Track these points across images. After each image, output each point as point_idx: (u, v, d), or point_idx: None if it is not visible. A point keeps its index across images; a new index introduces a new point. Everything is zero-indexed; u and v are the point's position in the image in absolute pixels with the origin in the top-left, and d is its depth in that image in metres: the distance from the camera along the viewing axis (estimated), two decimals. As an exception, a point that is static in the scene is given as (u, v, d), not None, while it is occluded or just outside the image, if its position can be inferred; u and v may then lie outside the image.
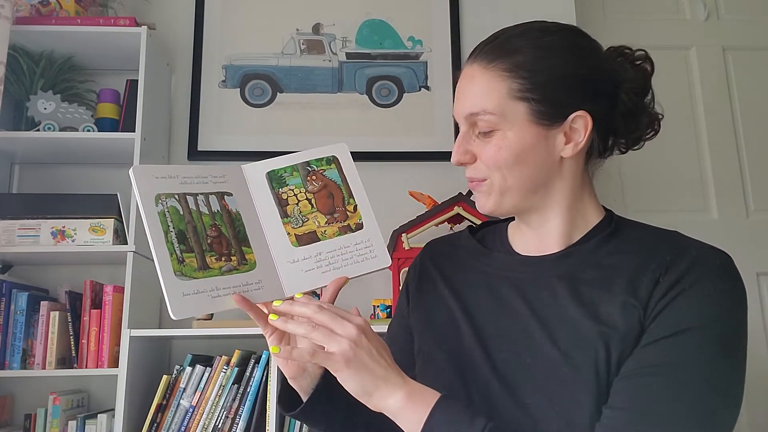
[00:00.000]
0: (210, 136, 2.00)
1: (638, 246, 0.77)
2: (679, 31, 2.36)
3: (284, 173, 0.81)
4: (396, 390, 0.69)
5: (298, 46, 2.09)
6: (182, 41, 2.07)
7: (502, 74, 0.78)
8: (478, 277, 0.85)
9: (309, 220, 0.79)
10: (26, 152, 1.88)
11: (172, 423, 1.57)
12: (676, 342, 0.68)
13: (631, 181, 2.23)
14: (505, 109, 0.77)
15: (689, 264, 0.72)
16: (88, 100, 1.95)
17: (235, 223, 0.75)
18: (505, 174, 0.78)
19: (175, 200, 0.73)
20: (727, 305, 0.71)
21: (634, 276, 0.74)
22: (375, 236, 0.80)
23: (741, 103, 2.30)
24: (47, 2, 1.87)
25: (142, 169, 0.73)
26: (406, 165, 2.03)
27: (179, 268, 0.69)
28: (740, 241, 2.18)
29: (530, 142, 0.77)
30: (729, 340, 0.70)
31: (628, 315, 0.71)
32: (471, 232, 0.93)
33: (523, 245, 0.85)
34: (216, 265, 0.72)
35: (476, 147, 0.80)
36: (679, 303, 0.70)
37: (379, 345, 0.71)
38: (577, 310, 0.74)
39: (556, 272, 0.78)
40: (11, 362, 1.62)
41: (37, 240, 1.68)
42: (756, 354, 2.09)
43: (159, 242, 0.70)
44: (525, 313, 0.77)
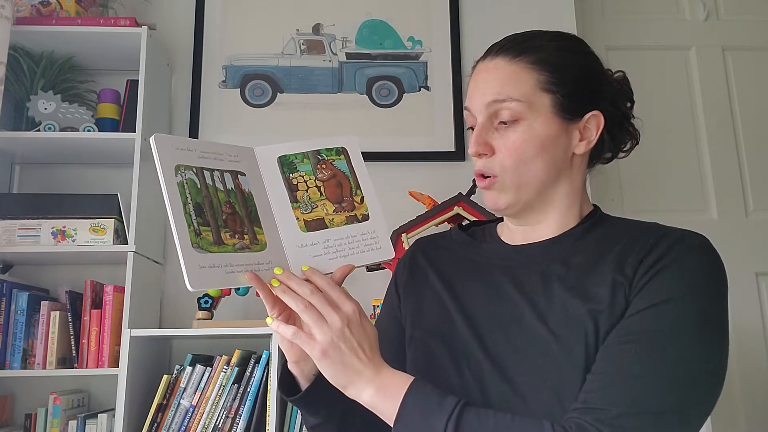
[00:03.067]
0: (210, 137, 2.00)
1: (623, 231, 0.80)
2: (679, 31, 2.37)
3: (295, 159, 0.81)
4: (368, 384, 0.71)
5: (298, 47, 2.09)
6: (182, 41, 2.08)
7: (529, 67, 0.80)
8: (469, 266, 0.86)
9: (318, 206, 0.79)
10: (27, 152, 1.88)
11: (172, 423, 1.57)
12: (655, 312, 0.70)
13: (630, 181, 2.23)
14: (532, 98, 0.79)
15: (670, 244, 0.75)
16: (89, 100, 1.95)
17: (248, 202, 0.76)
18: (522, 168, 0.79)
19: (193, 173, 0.73)
20: (706, 279, 0.73)
21: (620, 257, 0.76)
22: (381, 228, 0.81)
23: (741, 103, 2.31)
24: (48, 2, 1.87)
25: (163, 138, 0.73)
26: (406, 165, 2.03)
27: (196, 240, 0.69)
28: (740, 241, 2.18)
29: (554, 134, 0.80)
30: (707, 311, 0.71)
31: (615, 292, 0.73)
32: (460, 228, 0.95)
33: (514, 238, 0.87)
34: (230, 241, 0.72)
35: (496, 139, 0.80)
36: (660, 277, 0.72)
37: (362, 336, 0.72)
38: (565, 291, 0.76)
39: (546, 257, 0.81)
40: (11, 362, 1.63)
41: (37, 240, 1.68)
42: (756, 354, 2.09)
43: (178, 212, 0.70)
44: (515, 296, 0.79)
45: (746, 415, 2.04)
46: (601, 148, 0.87)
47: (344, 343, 0.70)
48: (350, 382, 0.71)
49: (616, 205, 2.20)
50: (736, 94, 2.32)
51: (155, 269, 1.86)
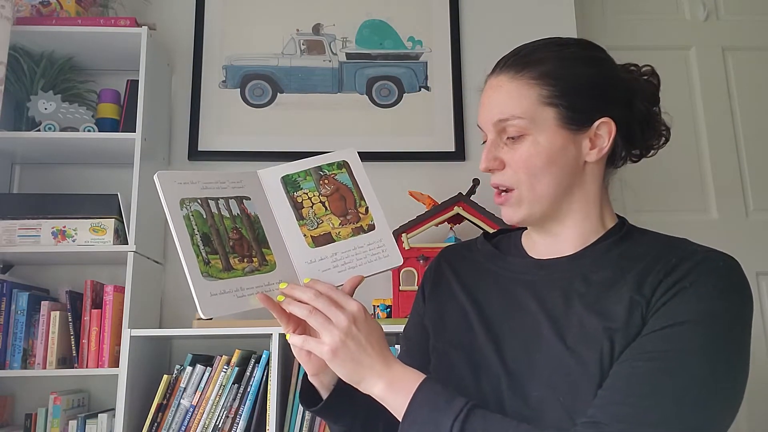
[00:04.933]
0: (210, 137, 2.00)
1: (648, 249, 0.80)
2: (679, 31, 2.37)
3: (298, 178, 0.84)
4: (379, 379, 0.73)
5: (298, 47, 2.09)
6: (182, 41, 2.08)
7: (530, 82, 0.81)
8: (492, 279, 0.87)
9: (324, 222, 0.82)
10: (27, 152, 1.89)
11: (172, 423, 1.57)
12: (669, 333, 0.70)
13: (630, 181, 2.21)
14: (535, 114, 0.80)
15: (693, 264, 0.74)
16: (89, 101, 1.95)
17: (254, 225, 0.78)
18: (533, 181, 0.80)
19: (198, 204, 0.76)
20: (725, 303, 0.72)
21: (641, 275, 0.76)
22: (386, 236, 0.83)
23: (741, 103, 2.31)
24: (48, 3, 1.87)
25: (165, 175, 0.75)
26: (406, 165, 2.03)
27: (206, 270, 0.72)
28: (740, 241, 2.18)
29: (560, 146, 0.80)
30: (724, 336, 0.70)
31: (632, 310, 0.73)
32: (486, 238, 0.96)
33: (538, 250, 0.87)
34: (239, 266, 0.75)
35: (505, 153, 0.82)
36: (678, 299, 0.72)
37: (369, 332, 0.74)
38: (584, 309, 0.76)
39: (569, 273, 0.81)
40: (12, 362, 1.63)
41: (37, 240, 1.68)
42: (756, 354, 2.08)
43: (186, 245, 0.73)
44: (535, 312, 0.79)
45: (747, 416, 2.04)
46: (618, 153, 0.87)
47: (352, 340, 0.72)
48: (362, 378, 0.73)
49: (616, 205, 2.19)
50: (736, 94, 2.32)
51: (155, 269, 1.86)
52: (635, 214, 2.19)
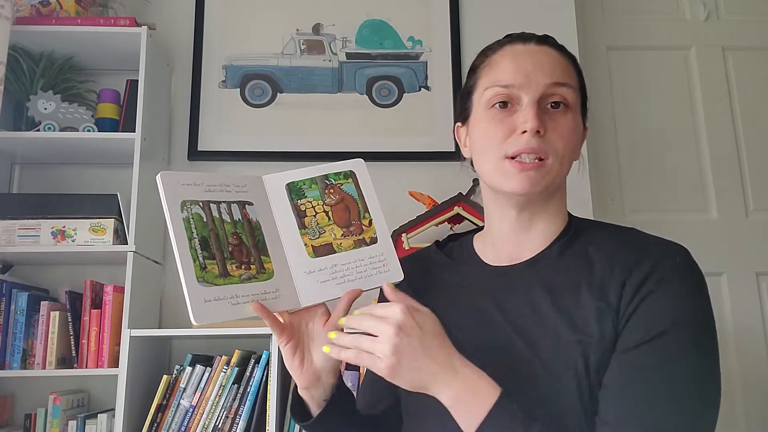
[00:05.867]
0: (210, 137, 2.00)
1: (600, 249, 0.78)
2: (679, 31, 2.36)
3: (303, 185, 0.82)
4: (446, 387, 0.68)
5: (298, 47, 2.09)
6: (182, 41, 2.07)
7: (571, 64, 0.82)
8: (453, 292, 0.84)
9: (326, 232, 0.80)
10: (26, 152, 1.88)
11: (172, 423, 1.57)
12: (654, 346, 0.69)
13: (630, 180, 2.23)
14: (576, 92, 0.81)
15: (652, 264, 0.73)
16: (89, 100, 1.95)
17: (255, 232, 0.77)
18: (565, 155, 0.78)
19: (199, 207, 0.74)
20: (694, 302, 0.72)
21: (601, 281, 0.74)
22: (388, 251, 0.81)
23: (741, 103, 2.31)
24: (47, 2, 1.87)
25: (169, 175, 0.74)
26: (406, 165, 2.03)
27: (201, 275, 0.71)
28: (740, 240, 2.18)
29: (582, 133, 0.82)
30: (703, 336, 0.71)
31: (602, 321, 0.72)
32: (438, 247, 0.93)
33: (494, 255, 0.85)
34: (236, 272, 0.73)
35: (546, 123, 0.78)
36: (649, 305, 0.71)
37: (422, 334, 0.68)
38: (555, 318, 0.74)
39: (529, 280, 0.79)
40: (11, 362, 1.62)
41: (37, 240, 1.68)
42: (756, 354, 2.09)
43: (183, 248, 0.71)
44: (503, 325, 0.77)
45: (746, 415, 2.03)
46: None
47: (406, 350, 0.67)
48: (426, 388, 0.69)
49: (616, 205, 2.20)
50: (737, 94, 2.31)
51: (155, 269, 1.86)
52: (635, 214, 2.19)
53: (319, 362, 0.79)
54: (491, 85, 0.80)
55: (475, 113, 0.83)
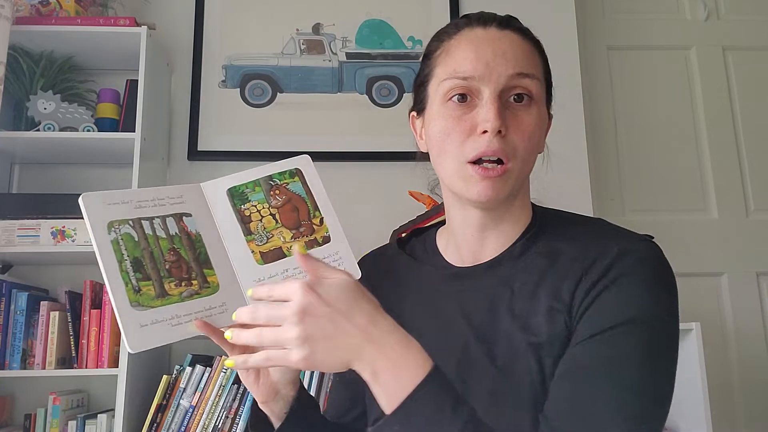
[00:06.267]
0: (210, 136, 2.00)
1: (561, 245, 0.73)
2: (679, 31, 2.36)
3: (246, 189, 0.77)
4: (366, 363, 0.59)
5: (298, 46, 2.09)
6: (182, 41, 2.07)
7: (536, 51, 0.75)
8: (416, 295, 0.80)
9: (274, 236, 0.75)
10: (26, 152, 1.88)
11: (172, 423, 1.57)
12: (600, 340, 0.65)
13: (630, 180, 2.23)
14: (542, 83, 0.74)
15: (611, 260, 0.68)
16: (88, 100, 1.95)
17: (195, 245, 0.72)
18: (527, 157, 0.72)
19: (129, 227, 0.70)
20: (653, 299, 0.67)
21: (557, 279, 0.70)
22: (343, 249, 0.76)
23: (741, 103, 2.31)
24: (47, 2, 1.87)
25: (91, 196, 0.70)
26: (406, 165, 2.01)
27: (135, 299, 0.67)
28: (740, 240, 2.18)
29: (545, 127, 0.76)
30: (658, 334, 0.66)
31: (554, 321, 0.68)
32: (400, 245, 0.87)
33: (458, 254, 0.80)
34: (175, 291, 0.69)
35: (508, 119, 0.71)
36: (602, 301, 0.66)
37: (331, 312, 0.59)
38: (510, 323, 0.71)
39: (490, 282, 0.74)
40: (11, 362, 1.62)
41: (37, 240, 1.68)
42: (757, 354, 2.09)
43: (113, 273, 0.68)
44: (464, 330, 0.73)
45: (746, 415, 2.03)
46: None
47: (314, 334, 0.58)
48: (350, 364, 0.60)
49: (616, 205, 2.20)
50: (737, 94, 2.32)
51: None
52: (635, 214, 2.19)
53: (276, 375, 0.74)
54: (448, 76, 0.73)
55: (431, 106, 0.77)
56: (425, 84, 0.78)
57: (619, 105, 2.28)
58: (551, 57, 0.81)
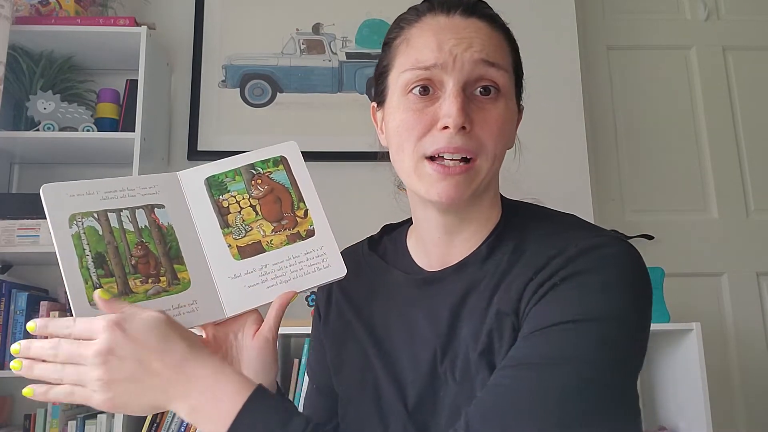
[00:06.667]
0: (210, 136, 2.00)
1: (527, 243, 0.67)
2: (679, 31, 2.36)
3: (225, 178, 0.72)
4: (181, 402, 0.56)
5: (298, 46, 2.09)
6: (182, 41, 2.07)
7: (504, 40, 0.69)
8: (386, 302, 0.75)
9: (253, 229, 0.70)
10: (26, 152, 1.88)
11: (171, 423, 1.57)
12: (542, 336, 0.59)
13: (630, 180, 2.23)
14: (511, 75, 0.68)
15: (566, 259, 0.62)
16: (88, 100, 1.95)
17: (166, 238, 0.68)
18: (496, 153, 0.66)
19: (93, 219, 0.66)
20: (610, 297, 0.59)
21: (511, 281, 0.65)
22: (328, 243, 0.71)
23: (741, 103, 2.30)
24: (47, 2, 1.87)
25: (53, 187, 0.66)
26: (406, 165, 2.02)
27: None
28: (740, 240, 2.18)
29: (516, 121, 0.71)
30: (609, 337, 0.58)
31: (502, 327, 0.63)
32: (371, 246, 0.82)
33: (427, 257, 0.75)
34: (141, 288, 0.64)
35: (473, 113, 0.65)
36: (551, 298, 0.60)
37: (137, 349, 0.55)
38: (467, 332, 0.66)
39: (455, 287, 0.69)
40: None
41: (36, 240, 1.68)
42: (757, 354, 2.09)
43: (71, 269, 0.63)
44: (432, 340, 0.68)
45: (747, 415, 2.03)
46: None
47: (119, 376, 0.55)
48: (162, 406, 0.57)
49: (616, 205, 2.20)
50: (737, 94, 2.31)
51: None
52: (635, 214, 2.19)
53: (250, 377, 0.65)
54: (409, 67, 0.67)
55: (390, 99, 0.71)
56: (385, 75, 0.73)
57: (619, 105, 2.28)
58: (551, 57, 0.79)
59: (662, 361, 1.71)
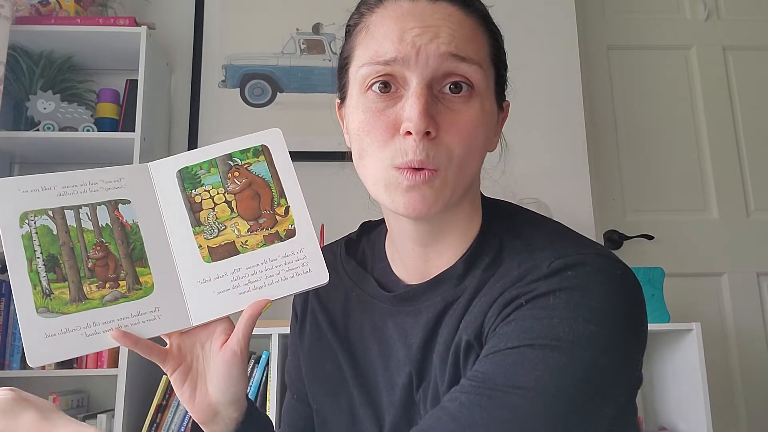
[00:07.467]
0: (210, 136, 2.00)
1: (504, 256, 0.61)
2: (680, 31, 2.36)
3: (200, 170, 0.65)
4: None
5: (298, 46, 2.09)
6: (182, 41, 2.07)
7: (481, 26, 0.61)
8: (363, 315, 0.68)
9: (227, 228, 0.63)
10: (26, 152, 1.88)
11: (171, 423, 1.57)
12: (494, 358, 0.53)
13: (630, 181, 2.23)
14: (487, 69, 0.59)
15: (536, 278, 0.55)
16: (88, 100, 1.95)
17: (129, 238, 0.62)
18: (467, 161, 0.58)
19: (48, 218, 0.60)
20: (584, 320, 0.52)
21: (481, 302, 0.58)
22: (310, 245, 0.63)
23: (741, 103, 2.30)
24: (47, 2, 1.87)
25: (6, 182, 0.60)
26: (406, 165, 2.02)
27: (44, 303, 0.57)
28: (740, 240, 2.18)
29: (494, 122, 0.62)
30: (569, 361, 0.51)
31: (468, 355, 0.58)
32: (349, 250, 0.74)
33: (402, 269, 0.68)
34: (97, 294, 0.59)
35: (439, 114, 0.57)
36: (515, 318, 0.54)
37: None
38: (438, 359, 0.61)
39: (428, 306, 0.63)
40: (11, 362, 1.62)
41: (36, 240, 1.68)
42: (757, 354, 2.09)
43: (18, 273, 0.58)
44: (406, 363, 0.63)
45: (747, 415, 2.03)
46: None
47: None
48: None
49: (616, 205, 2.20)
50: (737, 94, 2.31)
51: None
52: (635, 214, 2.19)
53: (215, 394, 0.61)
54: (367, 61, 0.59)
55: (350, 96, 0.63)
56: (345, 67, 0.65)
57: (619, 105, 2.28)
58: (551, 57, 0.77)
59: (662, 361, 1.72)
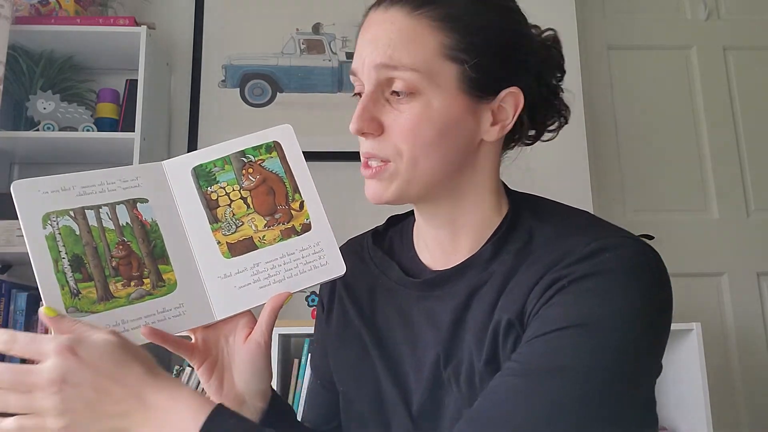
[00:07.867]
0: (210, 136, 2.00)
1: (536, 242, 0.64)
2: (680, 31, 2.36)
3: (214, 168, 0.67)
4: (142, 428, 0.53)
5: (297, 46, 2.09)
6: (182, 41, 2.07)
7: (433, 24, 0.62)
8: (389, 300, 0.71)
9: (244, 224, 0.65)
10: (26, 152, 1.88)
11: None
12: (542, 343, 0.56)
13: (631, 180, 2.23)
14: (433, 68, 0.61)
15: (575, 259, 0.58)
16: (88, 100, 1.95)
17: (150, 236, 0.63)
18: (418, 156, 0.62)
19: (70, 218, 0.61)
20: (623, 301, 0.56)
21: (517, 284, 0.62)
22: (326, 238, 0.65)
23: (741, 103, 2.30)
24: (47, 2, 1.87)
25: (26, 184, 0.61)
26: (406, 165, 2.02)
27: (72, 303, 0.58)
28: (741, 240, 2.18)
29: (457, 116, 0.63)
30: (615, 346, 0.55)
31: (508, 334, 0.60)
32: (375, 240, 0.77)
33: (429, 254, 0.71)
34: (123, 292, 0.60)
35: (386, 114, 0.64)
36: (557, 301, 0.57)
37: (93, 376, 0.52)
38: (471, 339, 0.63)
39: (456, 291, 0.66)
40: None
41: (36, 240, 1.68)
42: (757, 354, 2.09)
43: (46, 274, 0.58)
44: (434, 345, 0.65)
45: (748, 415, 2.03)
46: (518, 131, 0.70)
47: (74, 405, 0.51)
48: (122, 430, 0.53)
49: (616, 205, 2.20)
50: (737, 94, 2.31)
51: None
52: (635, 214, 2.18)
53: (241, 385, 0.65)
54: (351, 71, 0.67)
55: None
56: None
57: (619, 105, 2.28)
58: None
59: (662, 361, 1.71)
